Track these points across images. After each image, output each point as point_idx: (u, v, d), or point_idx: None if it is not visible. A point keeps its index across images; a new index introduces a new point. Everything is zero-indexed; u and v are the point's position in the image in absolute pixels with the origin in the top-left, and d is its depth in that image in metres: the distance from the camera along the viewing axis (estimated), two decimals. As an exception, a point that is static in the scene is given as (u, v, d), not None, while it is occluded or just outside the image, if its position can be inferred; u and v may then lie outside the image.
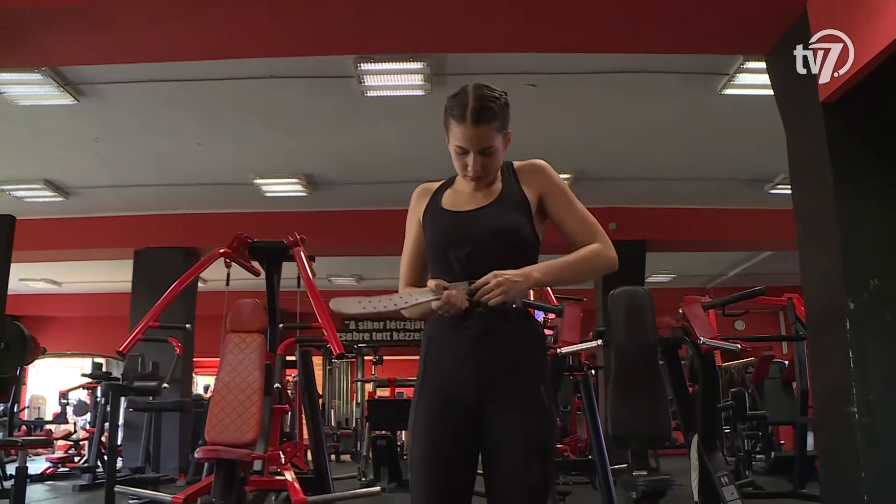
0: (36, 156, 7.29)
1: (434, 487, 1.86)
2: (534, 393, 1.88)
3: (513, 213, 1.95)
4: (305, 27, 4.40)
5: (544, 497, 1.86)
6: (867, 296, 3.67)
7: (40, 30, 4.11)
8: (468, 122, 1.87)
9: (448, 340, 1.92)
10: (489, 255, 1.88)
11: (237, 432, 3.75)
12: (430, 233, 2.00)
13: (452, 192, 2.06)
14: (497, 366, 1.88)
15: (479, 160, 1.92)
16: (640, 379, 3.64)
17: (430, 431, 1.89)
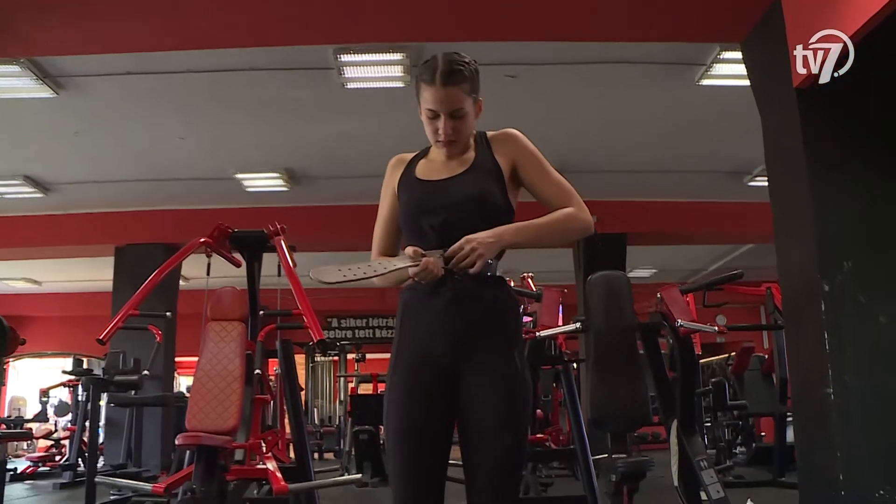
0: (15, 151, 7.23)
1: (410, 452, 1.89)
2: (508, 355, 1.91)
3: (485, 181, 1.98)
4: (284, 16, 4.42)
5: (518, 459, 1.90)
6: (841, 278, 3.72)
7: (20, 18, 4.10)
8: (437, 83, 1.91)
9: (423, 307, 1.94)
10: (462, 222, 1.91)
11: (218, 420, 3.75)
12: (404, 202, 2.03)
13: (426, 162, 2.09)
14: (471, 329, 1.90)
15: (449, 123, 1.95)
16: (619, 362, 3.68)
17: (406, 395, 1.91)
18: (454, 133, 1.97)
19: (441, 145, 2.01)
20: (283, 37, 4.70)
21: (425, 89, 1.95)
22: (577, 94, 6.55)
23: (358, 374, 9.76)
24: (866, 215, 3.81)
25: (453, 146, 2.01)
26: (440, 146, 2.02)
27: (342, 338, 14.27)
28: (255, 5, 4.27)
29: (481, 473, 1.87)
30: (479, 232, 1.88)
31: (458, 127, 1.97)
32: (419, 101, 1.99)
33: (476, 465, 1.88)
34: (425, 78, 1.94)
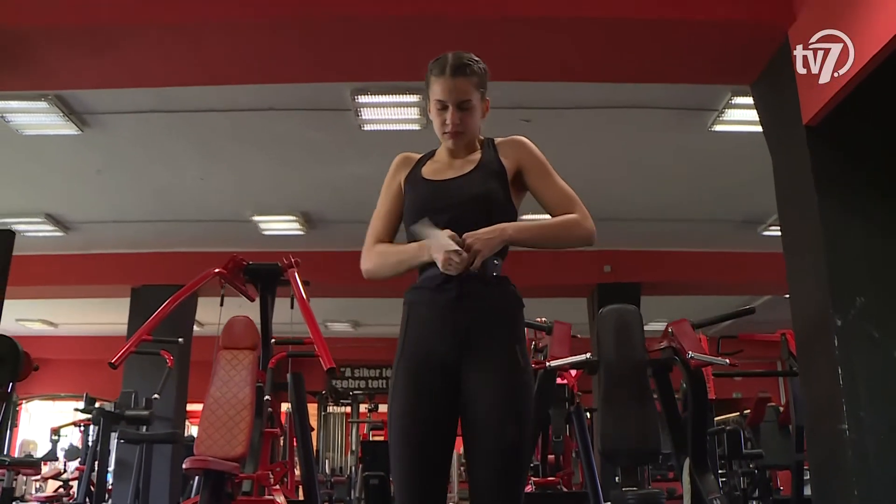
0: (39, 188, 7.39)
1: (413, 444, 1.90)
2: (510, 350, 1.94)
3: (489, 181, 2.04)
4: (302, 53, 4.53)
5: (521, 452, 1.90)
6: (854, 313, 3.71)
7: (44, 51, 4.24)
8: (447, 74, 2.00)
9: (428, 304, 1.97)
10: (465, 220, 1.94)
11: (226, 446, 3.74)
12: (410, 200, 2.09)
13: (433, 163, 2.15)
14: (474, 325, 1.93)
15: (457, 114, 2.02)
16: (629, 395, 3.66)
17: (409, 391, 1.93)
18: (461, 124, 2.03)
19: (448, 136, 2.05)
20: (300, 74, 4.81)
21: (435, 81, 2.02)
22: (590, 139, 6.63)
23: (370, 420, 9.67)
24: (878, 251, 3.82)
25: (460, 138, 2.06)
26: (447, 137, 2.06)
27: (355, 387, 14.21)
28: (273, 42, 4.38)
29: (485, 466, 1.87)
30: (480, 229, 1.91)
31: (465, 119, 2.03)
32: (428, 95, 2.07)
33: (480, 458, 1.88)
34: (435, 71, 2.02)
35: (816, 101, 3.84)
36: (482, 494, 1.87)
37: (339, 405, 12.25)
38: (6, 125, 5.83)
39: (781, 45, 4.18)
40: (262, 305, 4.67)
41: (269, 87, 5.52)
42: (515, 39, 4.36)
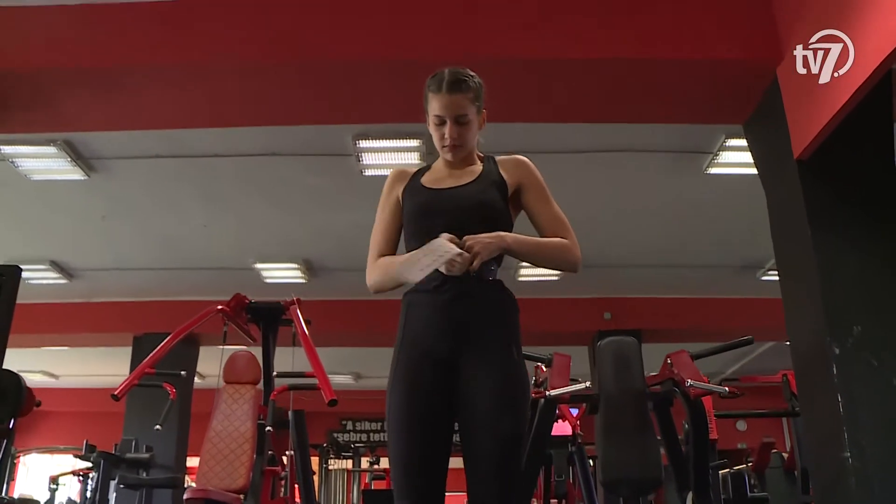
0: (44, 234, 7.49)
1: (411, 439, 1.93)
2: (506, 348, 1.99)
3: (490, 191, 2.12)
4: (305, 96, 4.65)
5: (517, 447, 1.93)
6: (851, 341, 3.74)
7: (55, 93, 4.36)
8: (444, 90, 2.08)
9: (426, 304, 2.03)
10: (464, 226, 2.01)
11: (227, 479, 3.74)
12: (410, 205, 2.15)
13: (431, 174, 2.22)
14: (472, 324, 1.99)
15: (455, 129, 2.10)
16: (629, 424, 3.69)
17: (406, 388, 1.97)
18: (459, 138, 2.11)
19: (447, 150, 2.14)
20: (303, 116, 4.92)
21: (433, 98, 2.10)
22: (586, 184, 6.72)
23: (371, 469, 9.58)
24: (873, 280, 3.86)
25: (458, 150, 2.14)
26: (445, 151, 2.14)
27: (357, 440, 14.07)
28: (277, 84, 4.50)
29: (481, 460, 1.90)
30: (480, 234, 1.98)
31: (462, 133, 2.11)
32: (427, 111, 2.15)
33: (476, 452, 1.92)
34: (433, 88, 2.10)
35: (806, 136, 3.94)
36: (480, 487, 1.91)
37: (341, 458, 12.13)
38: (15, 170, 5.95)
39: (771, 83, 4.31)
40: (263, 344, 4.69)
41: (272, 131, 5.66)
42: (509, 81, 4.45)
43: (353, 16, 4.32)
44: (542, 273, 8.92)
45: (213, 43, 4.29)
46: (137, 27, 4.26)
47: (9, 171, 5.96)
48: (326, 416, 14.37)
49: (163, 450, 8.27)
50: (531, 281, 8.96)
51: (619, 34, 4.34)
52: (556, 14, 4.34)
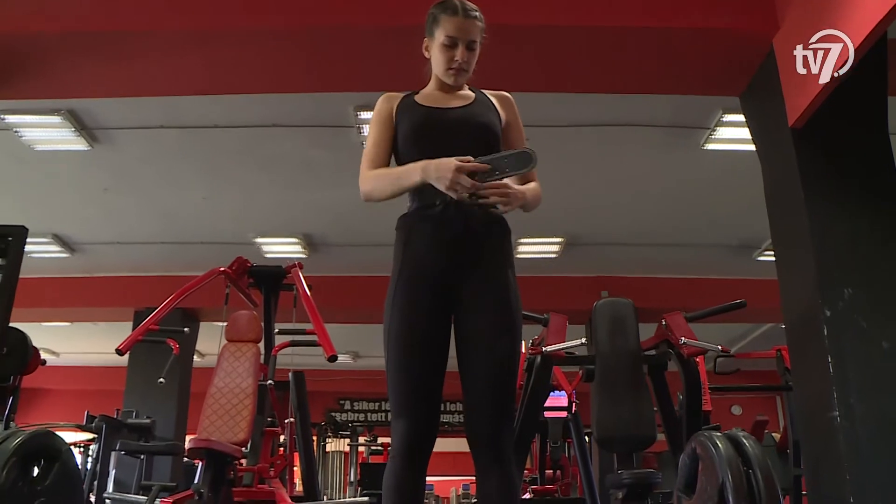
0: (47, 206, 7.53)
1: (410, 356, 2.01)
2: (504, 273, 2.08)
3: (491, 117, 2.20)
4: (306, 63, 4.69)
5: (512, 365, 2.03)
6: (842, 304, 3.82)
7: (57, 58, 4.40)
8: (460, 14, 2.14)
9: (428, 226, 2.09)
10: (466, 146, 2.06)
11: (228, 433, 3.81)
12: (409, 122, 2.18)
13: (425, 96, 2.25)
14: (471, 246, 2.06)
15: (465, 53, 2.15)
16: (624, 383, 3.76)
17: (407, 303, 2.04)
18: (467, 62, 2.16)
19: (452, 73, 2.17)
20: (304, 84, 4.97)
21: (447, 20, 2.14)
22: (586, 159, 6.79)
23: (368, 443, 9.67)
24: (864, 245, 3.94)
25: (463, 75, 2.19)
26: (451, 73, 2.17)
27: (354, 420, 14.18)
28: (278, 52, 4.54)
29: (478, 379, 1.99)
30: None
31: (470, 58, 2.17)
32: (433, 33, 2.19)
33: (474, 372, 2.00)
34: (448, 11, 2.15)
35: (800, 104, 4.01)
36: (477, 402, 1.99)
37: (339, 437, 12.22)
38: (19, 140, 6.00)
39: (767, 54, 4.37)
40: (265, 306, 4.77)
41: (274, 102, 5.72)
42: (507, 49, 4.48)
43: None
44: (540, 250, 8.99)
45: (213, 9, 4.34)
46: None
47: (13, 140, 6.01)
48: (324, 396, 14.47)
49: (162, 424, 8.34)
50: (528, 258, 9.03)
51: (614, 2, 4.40)
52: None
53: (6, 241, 3.96)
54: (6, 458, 2.53)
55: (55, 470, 2.80)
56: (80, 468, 8.36)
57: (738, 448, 2.61)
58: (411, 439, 1.97)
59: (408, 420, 1.98)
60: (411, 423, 1.98)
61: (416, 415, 1.99)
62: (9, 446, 2.58)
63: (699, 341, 3.71)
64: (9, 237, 4.05)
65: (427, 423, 2.00)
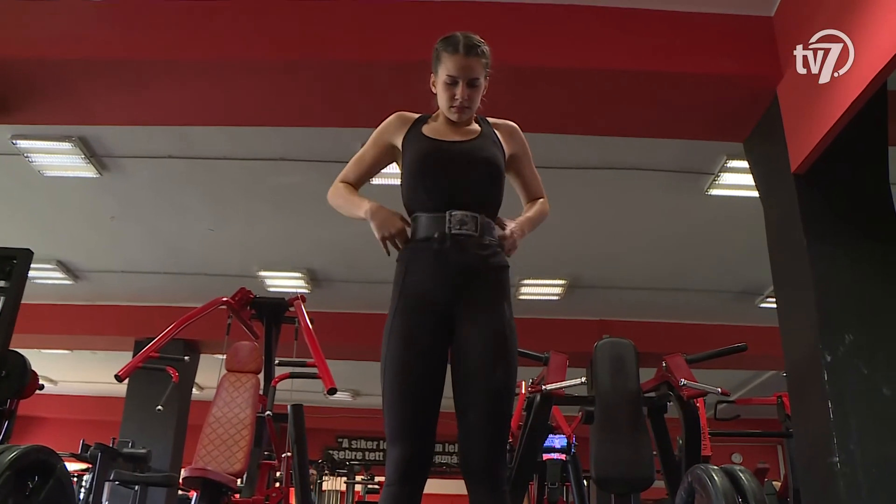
0: (53, 233, 7.57)
1: (408, 381, 2.01)
2: (500, 306, 2.09)
3: (494, 151, 2.23)
4: (317, 97, 4.77)
5: (507, 396, 2.03)
6: (843, 349, 3.82)
7: (72, 84, 4.48)
8: (461, 52, 2.16)
9: (428, 257, 2.11)
10: (471, 182, 2.13)
11: (225, 463, 3.79)
12: (414, 153, 2.21)
13: (431, 127, 2.29)
14: (470, 278, 2.09)
15: (466, 91, 2.17)
16: (623, 423, 3.73)
17: (405, 329, 2.06)
18: (469, 100, 2.18)
19: (455, 111, 2.20)
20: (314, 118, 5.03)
21: (448, 58, 2.17)
22: (588, 201, 6.82)
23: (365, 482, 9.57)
24: (866, 291, 3.96)
25: (466, 112, 2.21)
26: (453, 111, 2.20)
27: (352, 458, 14.04)
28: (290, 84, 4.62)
29: (474, 407, 1.99)
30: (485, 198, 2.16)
31: (472, 95, 2.19)
32: (437, 70, 2.22)
33: (470, 399, 2.00)
34: (449, 49, 2.17)
35: (803, 150, 4.06)
36: (472, 432, 1.98)
37: (336, 475, 12.10)
38: (29, 165, 6.06)
39: (771, 101, 4.43)
40: (266, 338, 4.77)
41: (283, 135, 5.79)
42: (513, 89, 4.55)
43: (368, 18, 4.44)
44: (542, 292, 9.00)
45: (227, 40, 4.43)
46: (157, 23, 4.40)
47: (23, 166, 6.07)
48: (323, 433, 14.36)
49: (159, 455, 8.28)
50: (531, 300, 9.03)
51: (622, 46, 4.48)
52: (558, 24, 4.47)
53: (11, 263, 3.99)
54: (1, 472, 2.53)
55: (50, 485, 2.79)
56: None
57: (734, 481, 2.60)
58: (406, 465, 1.96)
59: (403, 446, 1.97)
60: (406, 450, 1.97)
61: (412, 441, 1.98)
62: (3, 461, 2.57)
63: (699, 383, 3.70)
64: (13, 259, 4.08)
65: (422, 450, 1.99)
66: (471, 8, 4.49)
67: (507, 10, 4.49)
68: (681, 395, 3.76)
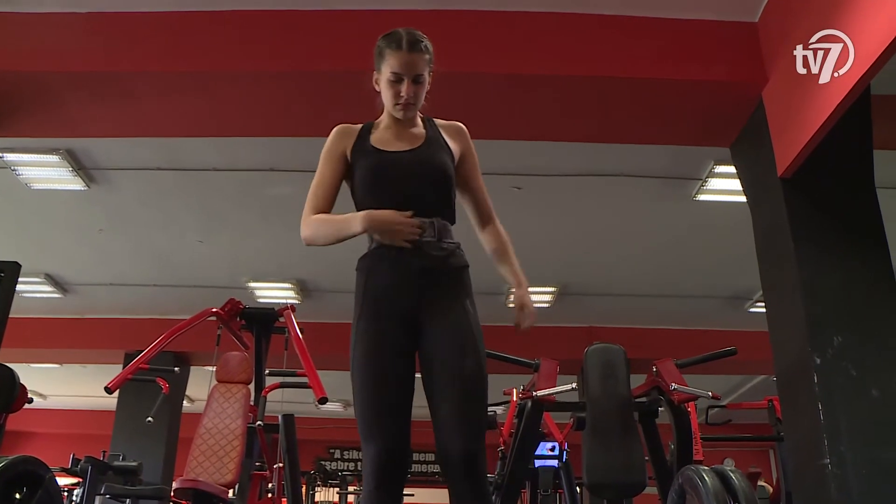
0: (41, 246, 7.54)
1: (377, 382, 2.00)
2: (463, 302, 2.11)
3: (441, 155, 2.21)
4: (305, 107, 4.77)
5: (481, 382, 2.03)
6: (832, 352, 3.85)
7: (59, 97, 4.48)
8: (404, 49, 2.14)
9: (387, 266, 2.11)
10: (421, 192, 2.13)
11: (216, 474, 3.76)
12: (365, 169, 2.19)
13: (378, 134, 2.26)
14: (431, 280, 2.09)
15: (411, 87, 2.15)
16: (615, 428, 3.74)
17: (371, 335, 2.05)
18: (415, 97, 2.16)
19: (399, 108, 2.18)
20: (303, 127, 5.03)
21: (391, 55, 2.14)
22: (579, 208, 6.85)
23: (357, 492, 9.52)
24: (854, 293, 3.99)
25: (411, 109, 2.19)
26: (398, 109, 2.18)
27: (344, 469, 13.97)
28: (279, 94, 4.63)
29: (448, 398, 1.97)
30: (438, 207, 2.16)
31: (417, 92, 2.17)
32: (380, 68, 2.20)
33: (442, 390, 1.99)
34: (393, 46, 2.15)
35: (789, 154, 4.09)
36: (448, 423, 1.96)
37: (328, 486, 12.04)
38: (16, 178, 6.04)
39: (757, 106, 4.47)
40: (256, 348, 4.74)
41: (272, 146, 5.79)
42: (501, 97, 4.59)
43: (354, 28, 4.45)
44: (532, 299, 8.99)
45: (213, 51, 4.43)
46: (142, 35, 4.40)
47: (10, 179, 6.05)
48: (315, 445, 14.30)
49: (150, 468, 8.24)
50: (521, 307, 9.03)
51: (608, 53, 4.51)
52: (544, 32, 4.49)
53: (-2, 276, 3.95)
54: (-11, 484, 2.50)
55: (38, 496, 2.77)
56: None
57: (724, 481, 2.60)
58: (384, 464, 1.95)
59: (378, 441, 1.96)
60: (382, 444, 1.95)
61: (387, 436, 1.96)
62: (-9, 472, 2.55)
63: (690, 388, 3.71)
64: (1, 273, 4.03)
65: (398, 445, 1.97)
66: (459, 16, 4.51)
67: (495, 19, 4.51)
68: (672, 399, 3.77)
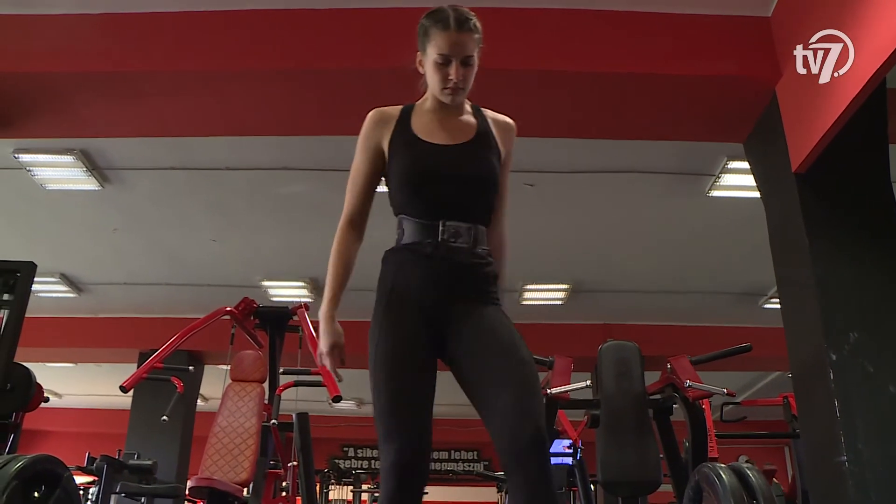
0: (56, 246, 7.59)
1: (399, 379, 1.88)
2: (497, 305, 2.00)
3: (490, 158, 2.06)
4: (318, 106, 4.77)
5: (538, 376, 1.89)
6: (848, 348, 3.81)
7: (72, 97, 4.50)
8: (452, 28, 1.96)
9: (416, 262, 1.99)
10: (466, 197, 2.00)
11: (231, 472, 3.79)
12: (407, 162, 2.03)
13: (420, 121, 2.09)
14: (460, 279, 1.97)
15: (460, 70, 1.98)
16: (629, 426, 3.74)
17: (394, 328, 1.94)
18: (464, 80, 2.00)
19: (448, 93, 2.01)
20: (315, 126, 5.04)
21: (438, 35, 1.97)
22: (590, 204, 6.83)
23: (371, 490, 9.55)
24: (869, 289, 3.95)
25: (460, 94, 2.02)
26: (447, 93, 2.01)
27: (358, 467, 14.02)
28: (291, 94, 4.63)
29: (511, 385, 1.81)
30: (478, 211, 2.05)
31: (467, 74, 2.00)
32: (425, 48, 2.02)
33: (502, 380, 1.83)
34: (439, 25, 1.97)
35: (803, 149, 4.06)
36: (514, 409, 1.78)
37: (342, 484, 12.08)
38: (31, 179, 6.08)
39: (770, 101, 4.44)
40: (270, 347, 4.77)
41: (284, 145, 5.80)
42: (516, 93, 4.55)
43: (366, 25, 4.45)
44: (545, 297, 9.00)
45: (227, 51, 4.43)
46: (153, 35, 4.41)
47: (25, 179, 6.09)
48: (328, 443, 14.35)
49: (165, 467, 8.28)
50: (534, 304, 9.03)
51: (621, 49, 4.48)
52: (556, 28, 4.47)
53: (14, 276, 4.00)
54: (7, 482, 2.53)
55: (56, 495, 2.79)
56: None
57: (741, 479, 2.59)
58: (403, 460, 1.80)
59: (398, 440, 1.82)
60: (402, 444, 1.82)
61: (407, 435, 1.83)
62: (10, 470, 2.58)
63: (704, 385, 3.70)
64: (17, 273, 4.08)
65: (418, 444, 1.83)
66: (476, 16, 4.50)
67: (506, 16, 4.49)
68: (686, 396, 3.75)
